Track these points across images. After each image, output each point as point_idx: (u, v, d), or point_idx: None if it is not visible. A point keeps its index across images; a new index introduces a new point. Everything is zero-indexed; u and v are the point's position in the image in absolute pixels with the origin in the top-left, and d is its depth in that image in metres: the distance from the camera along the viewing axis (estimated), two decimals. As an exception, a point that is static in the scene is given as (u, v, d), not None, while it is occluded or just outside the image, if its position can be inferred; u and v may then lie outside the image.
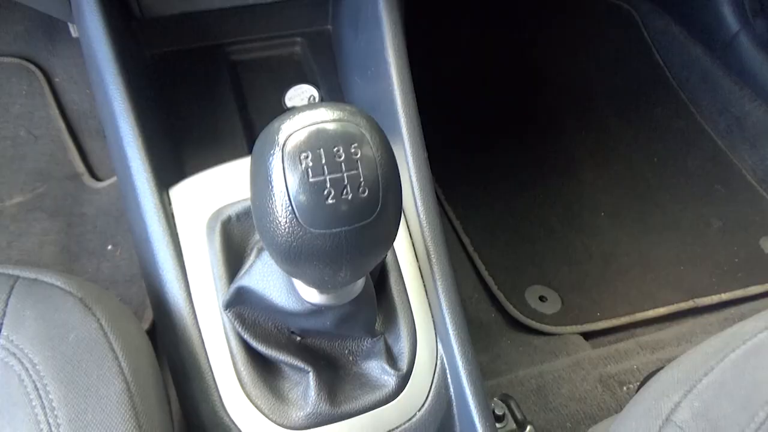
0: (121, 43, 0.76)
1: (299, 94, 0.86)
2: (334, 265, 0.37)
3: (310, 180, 0.34)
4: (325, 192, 0.34)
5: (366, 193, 0.35)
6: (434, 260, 0.61)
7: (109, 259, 1.16)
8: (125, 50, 0.77)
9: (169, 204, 0.65)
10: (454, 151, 1.31)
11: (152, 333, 0.78)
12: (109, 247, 1.18)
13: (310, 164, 0.34)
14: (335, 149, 0.34)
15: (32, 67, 1.40)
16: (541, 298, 1.12)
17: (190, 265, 0.61)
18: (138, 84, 0.77)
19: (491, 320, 1.11)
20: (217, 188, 0.65)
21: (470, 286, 1.16)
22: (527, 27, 1.59)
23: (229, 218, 0.62)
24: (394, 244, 0.63)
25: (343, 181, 0.34)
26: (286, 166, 0.34)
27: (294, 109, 0.36)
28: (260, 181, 0.36)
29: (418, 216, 0.62)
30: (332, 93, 0.86)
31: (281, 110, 0.85)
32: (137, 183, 0.65)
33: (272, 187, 0.34)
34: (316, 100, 0.85)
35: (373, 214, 0.35)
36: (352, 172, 0.34)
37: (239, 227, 0.62)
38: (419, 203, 0.63)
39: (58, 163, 1.32)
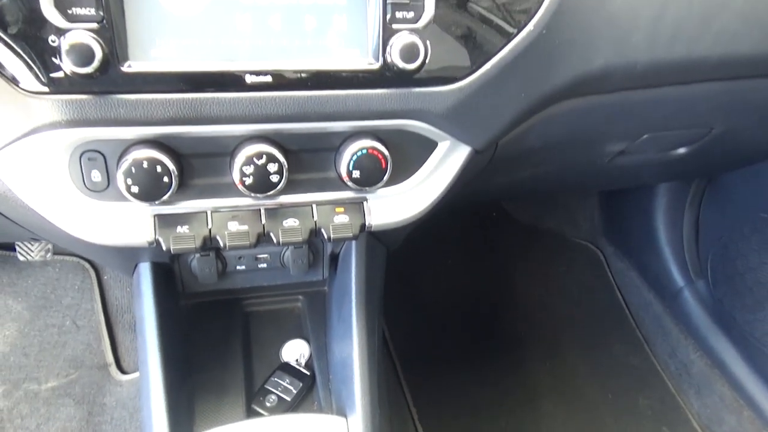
0: (164, 302, 1.01)
1: (293, 349, 1.10)
2: None
3: None
4: None
5: None
6: None
7: (118, 452, 1.34)
8: (166, 306, 1.02)
9: (176, 457, 0.85)
10: (429, 380, 1.51)
11: None
12: (121, 440, 1.36)
13: None
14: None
15: (87, 265, 1.69)
16: None
17: None
18: (171, 334, 1.01)
19: None
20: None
21: None
22: (501, 259, 1.86)
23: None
24: None
25: None
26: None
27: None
28: None
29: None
30: (319, 351, 1.09)
31: (278, 363, 1.08)
32: (156, 437, 0.86)
33: None
34: (305, 357, 1.08)
35: None
36: None
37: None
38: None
39: (92, 352, 1.55)
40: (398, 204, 0.80)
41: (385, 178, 0.75)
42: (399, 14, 0.68)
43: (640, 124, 1.01)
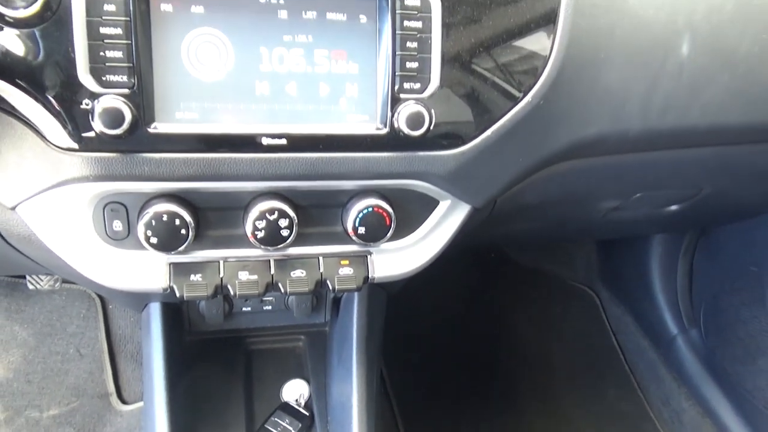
0: (172, 339, 1.04)
1: (293, 389, 1.13)
2: None
3: None
4: None
5: None
6: None
7: (116, 483, 1.36)
8: (173, 344, 1.05)
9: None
10: (425, 420, 1.53)
11: None
12: (119, 472, 1.38)
13: None
14: None
15: (93, 294, 1.72)
16: None
17: None
18: (176, 371, 1.05)
19: None
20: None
21: None
22: (499, 300, 1.90)
23: None
24: None
25: None
26: None
27: None
28: None
29: None
30: (319, 392, 1.12)
31: (278, 402, 1.10)
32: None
33: None
34: (305, 398, 1.11)
35: None
36: None
37: None
38: None
39: (94, 381, 1.57)
40: (400, 258, 0.84)
41: (389, 234, 0.80)
42: (406, 85, 0.73)
43: (633, 184, 1.05)
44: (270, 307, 1.08)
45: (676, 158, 0.99)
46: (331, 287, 0.81)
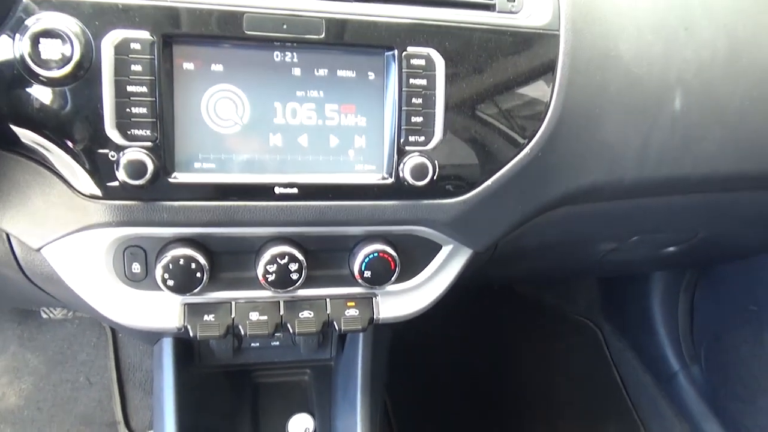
0: (182, 372, 1.08)
1: (298, 422, 1.15)
2: None
3: None
4: None
5: None
6: None
7: None
8: (184, 377, 1.08)
9: None
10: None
11: None
12: (125, 501, 1.40)
13: None
14: None
15: (105, 323, 1.76)
16: None
17: None
18: (186, 403, 1.08)
19: None
20: None
21: None
22: (501, 333, 1.91)
23: None
24: None
25: None
26: None
27: None
28: None
29: None
30: (324, 426, 1.14)
31: (283, 436, 1.13)
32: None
33: None
34: (310, 431, 1.13)
35: None
36: None
37: None
38: None
39: (102, 409, 1.60)
40: (405, 300, 0.88)
41: (394, 277, 0.83)
42: (412, 138, 0.77)
43: (629, 228, 1.09)
44: (277, 343, 1.11)
45: (671, 204, 1.03)
46: (337, 328, 0.84)
